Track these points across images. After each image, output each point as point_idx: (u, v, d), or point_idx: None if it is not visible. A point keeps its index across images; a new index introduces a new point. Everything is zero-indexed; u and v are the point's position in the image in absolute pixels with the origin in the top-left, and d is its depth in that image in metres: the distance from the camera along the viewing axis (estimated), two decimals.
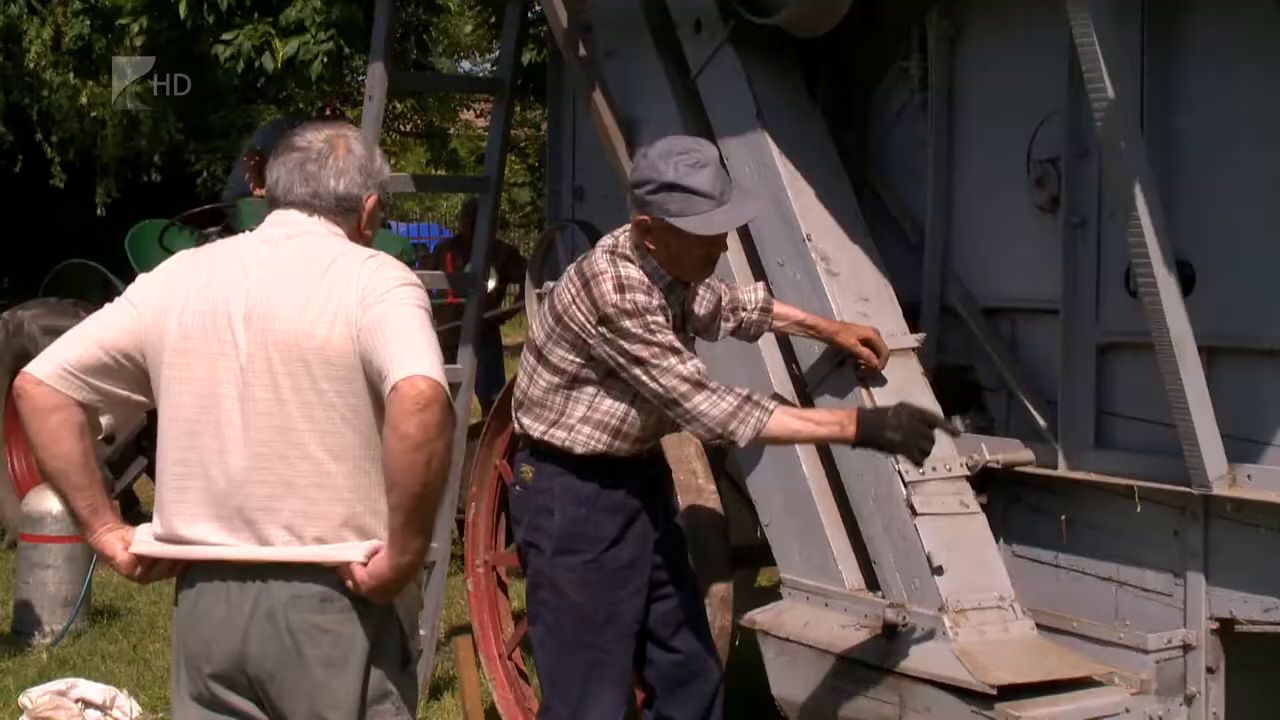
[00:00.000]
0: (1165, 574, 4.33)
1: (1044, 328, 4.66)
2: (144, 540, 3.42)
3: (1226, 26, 4.23)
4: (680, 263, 4.14)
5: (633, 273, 4.08)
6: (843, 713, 4.41)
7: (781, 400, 4.45)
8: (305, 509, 3.32)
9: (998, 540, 4.65)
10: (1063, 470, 4.54)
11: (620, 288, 4.02)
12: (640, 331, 4.00)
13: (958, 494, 4.53)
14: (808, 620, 4.57)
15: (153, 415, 3.41)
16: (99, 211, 18.32)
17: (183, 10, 9.72)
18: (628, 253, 4.13)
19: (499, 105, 6.39)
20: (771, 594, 4.92)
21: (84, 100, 16.11)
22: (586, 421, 4.14)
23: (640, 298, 4.03)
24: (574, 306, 4.07)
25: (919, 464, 4.13)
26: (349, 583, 3.31)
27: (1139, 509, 4.33)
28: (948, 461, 4.54)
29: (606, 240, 4.21)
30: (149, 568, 3.46)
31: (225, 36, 9.97)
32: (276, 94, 16.84)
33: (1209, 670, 4.27)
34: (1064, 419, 4.54)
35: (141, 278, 3.54)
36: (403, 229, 27.05)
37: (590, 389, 4.12)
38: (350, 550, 3.32)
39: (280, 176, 3.51)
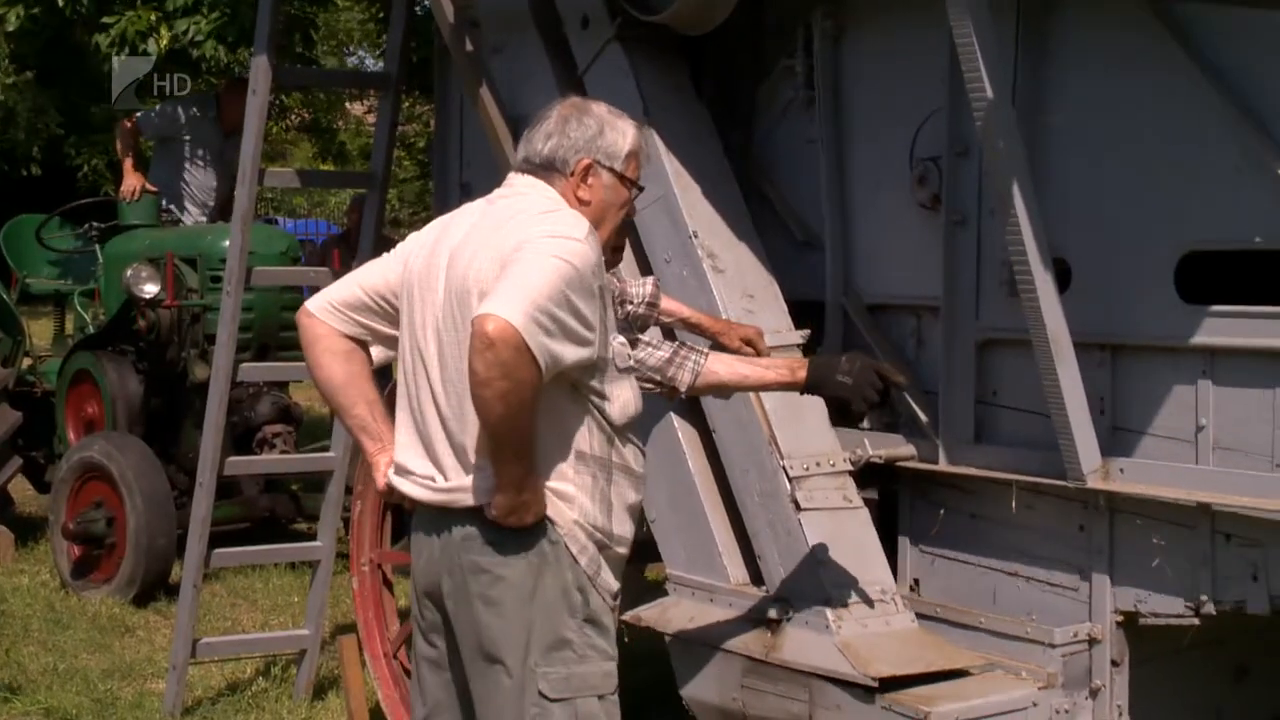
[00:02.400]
0: (1070, 569, 4.39)
1: (928, 323, 4.72)
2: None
3: (1094, 26, 4.30)
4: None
5: None
6: (749, 710, 4.44)
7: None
8: (470, 448, 3.56)
9: (906, 540, 4.74)
10: (943, 465, 4.59)
11: None
12: None
13: (840, 489, 4.58)
14: (693, 616, 4.60)
15: (31, 412, 3.48)
16: None
17: None
18: None
19: (385, 100, 6.40)
20: (659, 590, 4.95)
21: None
22: None
23: None
24: None
25: (862, 415, 4.08)
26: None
27: (1017, 505, 4.41)
28: (830, 457, 4.58)
29: None
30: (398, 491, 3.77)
31: (106, 20, 9.83)
32: (161, 87, 16.64)
33: (1114, 663, 4.33)
34: (945, 414, 4.60)
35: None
36: (290, 225, 26.82)
37: None
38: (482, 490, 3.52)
39: (521, 143, 3.83)
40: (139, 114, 9.88)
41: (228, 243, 6.50)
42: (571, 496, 3.57)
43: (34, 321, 10.43)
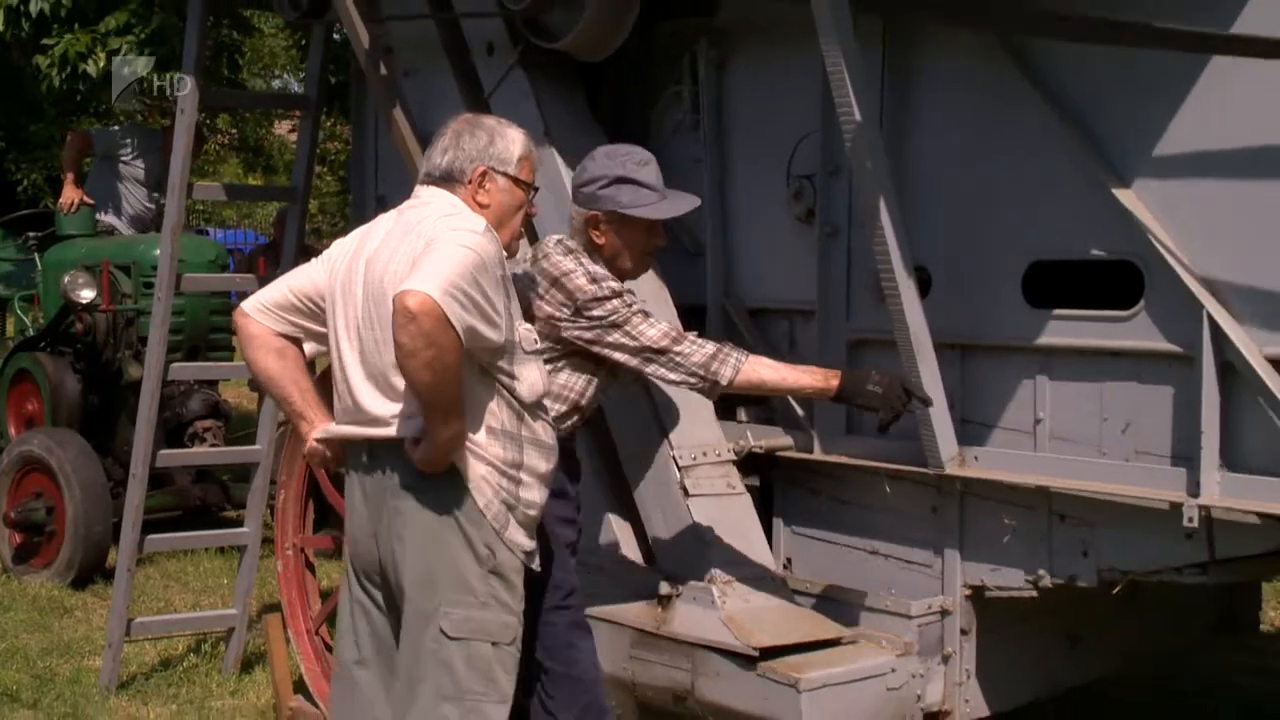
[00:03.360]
0: (925, 547, 4.45)
1: (803, 326, 4.77)
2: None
3: (951, 56, 4.35)
4: (625, 257, 4.19)
5: (599, 267, 4.13)
6: (639, 679, 4.46)
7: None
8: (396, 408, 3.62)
9: (780, 522, 4.77)
10: (818, 454, 4.64)
11: (594, 280, 4.06)
12: (621, 308, 4.05)
13: (725, 477, 4.61)
14: (591, 594, 4.65)
15: None
16: None
17: (0, 21, 9.45)
18: (580, 251, 4.18)
19: (306, 120, 6.37)
20: None
21: None
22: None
23: (613, 283, 4.10)
24: (542, 301, 4.07)
25: (888, 425, 4.06)
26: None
27: (890, 490, 4.46)
28: (715, 447, 4.63)
29: (553, 247, 4.19)
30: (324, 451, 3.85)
31: (45, 43, 9.69)
32: (96, 106, 16.39)
33: (963, 632, 4.39)
34: (819, 408, 4.63)
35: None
36: (220, 235, 26.58)
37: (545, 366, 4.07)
38: (407, 427, 3.58)
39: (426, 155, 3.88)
40: (94, 129, 9.76)
41: (159, 251, 6.45)
42: (481, 456, 3.61)
43: None
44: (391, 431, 3.61)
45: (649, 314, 4.11)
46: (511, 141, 3.80)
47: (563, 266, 4.11)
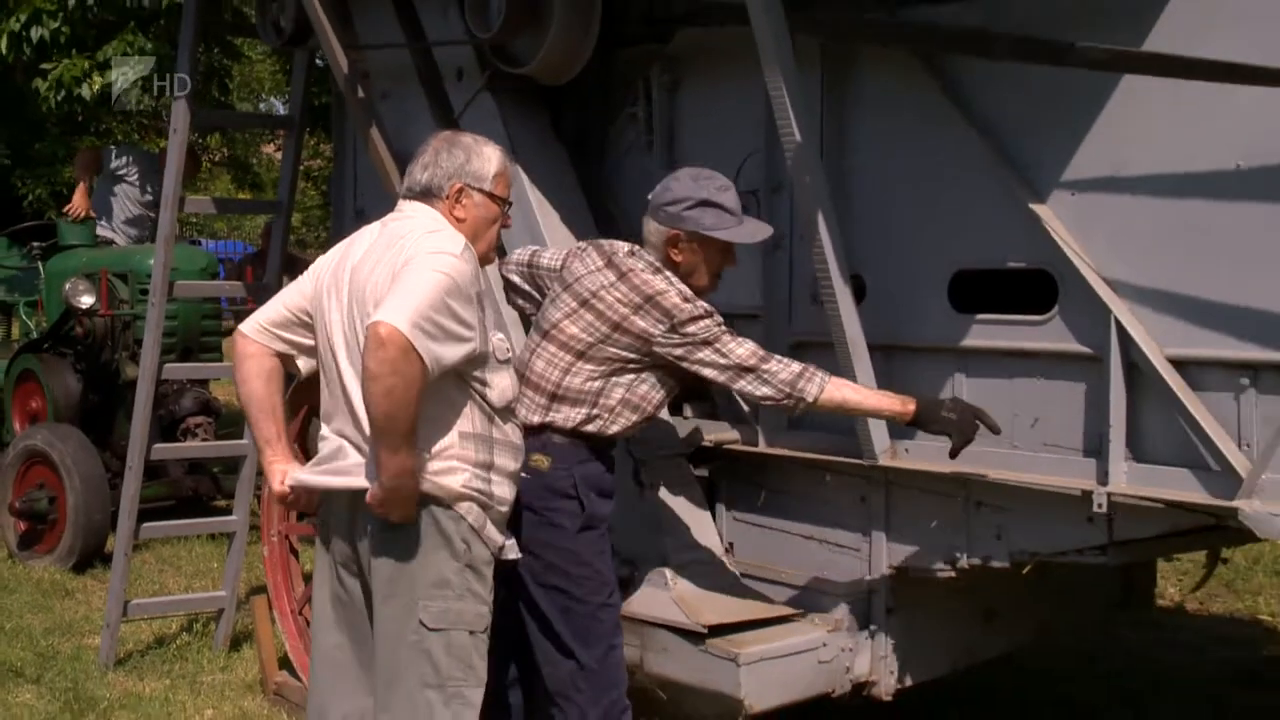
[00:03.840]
0: (855, 532, 4.48)
1: (749, 329, 4.69)
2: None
3: (883, 80, 4.39)
4: (700, 274, 4.17)
5: (685, 286, 4.11)
6: None
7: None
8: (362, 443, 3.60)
9: (723, 509, 4.78)
10: (763, 447, 4.66)
11: (687, 299, 4.05)
12: (713, 326, 4.03)
13: (677, 469, 4.65)
14: None
15: None
16: None
17: (3, 46, 9.44)
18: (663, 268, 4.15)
19: (290, 140, 6.38)
20: None
21: None
22: (625, 404, 4.09)
23: (705, 303, 4.09)
24: (636, 317, 4.04)
25: (959, 450, 3.97)
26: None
27: (829, 481, 4.50)
28: (669, 441, 4.67)
29: (636, 262, 4.14)
30: (296, 497, 3.85)
31: (44, 66, 9.68)
32: (96, 126, 16.33)
33: (888, 610, 4.44)
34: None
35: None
36: (211, 245, 26.44)
37: (629, 376, 4.09)
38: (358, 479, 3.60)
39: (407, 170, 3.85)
40: (105, 148, 9.79)
41: (154, 260, 6.47)
42: (456, 469, 3.60)
43: None
44: (361, 481, 3.58)
45: (736, 333, 4.09)
46: (487, 159, 3.80)
47: (655, 285, 4.07)
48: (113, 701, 5.76)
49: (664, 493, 4.61)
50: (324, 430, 3.76)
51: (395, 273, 3.52)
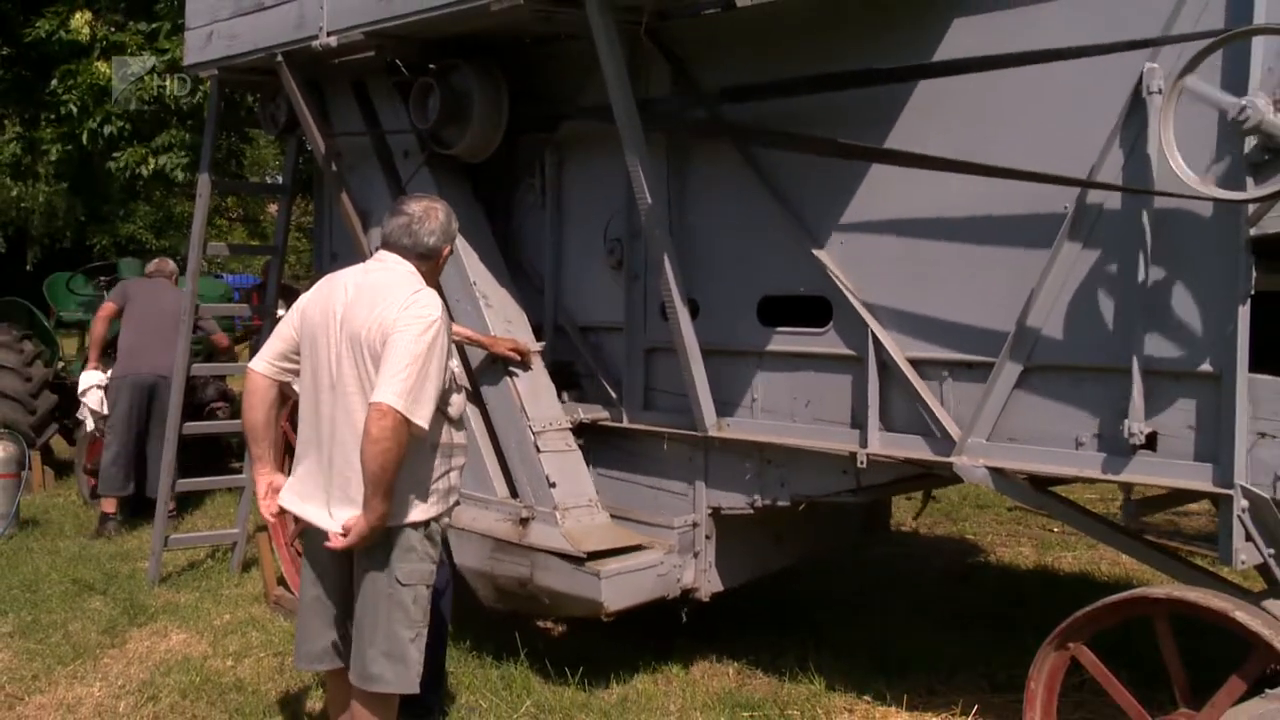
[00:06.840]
0: (685, 483, 4.42)
1: (614, 338, 4.69)
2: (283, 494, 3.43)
3: (710, 160, 4.31)
4: None
5: None
6: (495, 572, 4.38)
7: None
8: (353, 479, 3.21)
9: (592, 467, 4.65)
10: (625, 423, 4.58)
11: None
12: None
13: (564, 438, 4.53)
14: (475, 517, 4.52)
15: (62, 396, 3.21)
16: (28, 267, 16.97)
17: (85, 138, 9.16)
18: None
19: (283, 202, 6.17)
20: None
21: (13, 193, 14.84)
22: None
23: None
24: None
25: None
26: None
27: (667, 447, 4.42)
28: (559, 419, 4.53)
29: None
30: (280, 513, 3.48)
31: (115, 154, 9.38)
32: (149, 195, 15.80)
33: (707, 538, 4.38)
34: (626, 393, 4.59)
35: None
36: (230, 278, 25.74)
37: None
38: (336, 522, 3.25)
39: (393, 229, 3.35)
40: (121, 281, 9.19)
41: (185, 288, 6.16)
42: (428, 492, 3.31)
43: (64, 339, 9.82)
44: (335, 526, 3.25)
45: None
46: (453, 218, 3.48)
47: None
48: (158, 608, 5.54)
49: (554, 456, 4.47)
50: (297, 462, 3.37)
51: (385, 329, 3.15)
